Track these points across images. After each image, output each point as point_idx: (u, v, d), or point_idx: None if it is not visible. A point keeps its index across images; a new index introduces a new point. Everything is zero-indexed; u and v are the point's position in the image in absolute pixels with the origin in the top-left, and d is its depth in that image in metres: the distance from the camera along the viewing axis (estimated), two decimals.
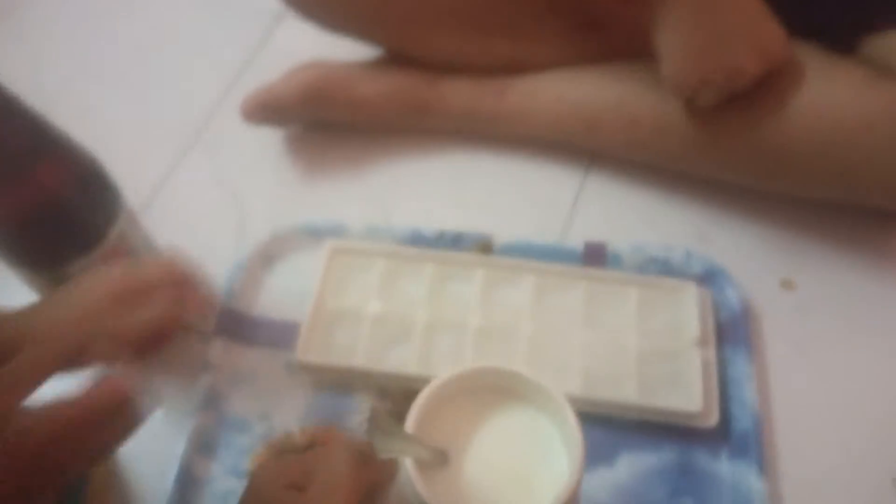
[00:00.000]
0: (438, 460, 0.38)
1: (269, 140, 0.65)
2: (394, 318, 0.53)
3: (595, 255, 0.57)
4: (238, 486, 0.48)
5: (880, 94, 0.48)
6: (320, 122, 0.64)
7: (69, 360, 0.36)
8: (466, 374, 0.39)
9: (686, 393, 0.49)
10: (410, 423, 0.37)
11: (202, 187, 0.63)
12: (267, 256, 0.57)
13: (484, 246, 0.58)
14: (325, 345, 0.52)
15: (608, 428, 0.50)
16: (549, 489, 0.37)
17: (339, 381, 0.52)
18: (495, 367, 0.40)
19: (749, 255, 0.58)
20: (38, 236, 0.41)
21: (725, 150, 0.55)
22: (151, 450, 0.50)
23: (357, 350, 0.52)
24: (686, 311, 0.53)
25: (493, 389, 0.40)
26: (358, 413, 0.51)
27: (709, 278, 0.55)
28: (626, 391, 0.50)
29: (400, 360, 0.52)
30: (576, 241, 0.58)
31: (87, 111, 0.68)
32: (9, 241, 0.41)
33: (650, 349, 0.51)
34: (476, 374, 0.39)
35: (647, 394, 0.50)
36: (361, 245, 0.57)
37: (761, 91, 0.52)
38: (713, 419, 0.49)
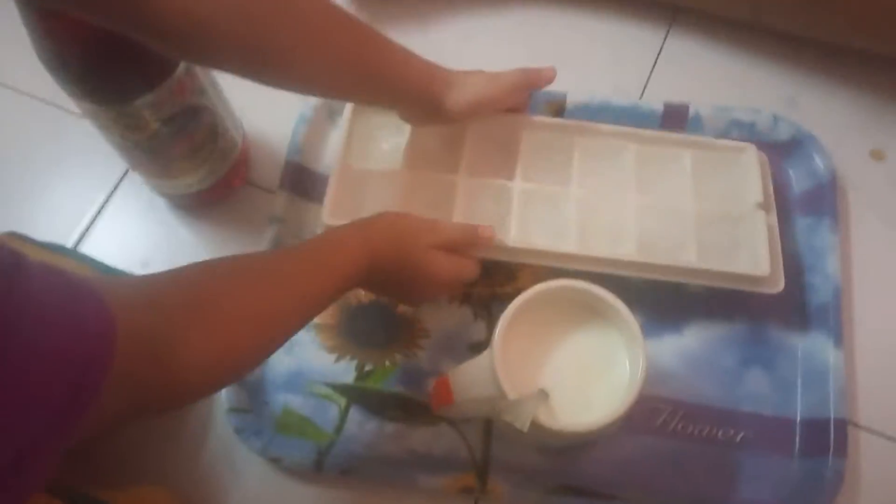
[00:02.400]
0: (544, 398, 0.39)
1: None
2: (426, 180, 0.49)
3: (675, 117, 0.53)
4: (305, 338, 0.48)
5: None
6: None
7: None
8: (546, 288, 0.41)
9: (751, 257, 0.46)
10: (498, 334, 0.40)
11: None
12: (331, 109, 0.55)
13: (557, 106, 0.54)
14: (353, 207, 0.48)
15: (677, 297, 0.48)
16: (612, 394, 0.39)
17: None
18: (571, 282, 0.42)
19: (839, 123, 0.54)
20: (105, 69, 0.39)
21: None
22: None
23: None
24: (747, 174, 0.48)
25: (570, 302, 0.42)
26: None
27: (796, 145, 0.51)
28: (686, 255, 0.46)
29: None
30: (655, 102, 0.54)
31: None
32: (77, 74, 0.39)
33: (709, 213, 0.48)
34: (556, 289, 0.41)
35: (708, 258, 0.46)
36: None
37: None
38: (779, 284, 0.45)
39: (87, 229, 0.54)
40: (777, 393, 0.46)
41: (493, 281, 0.50)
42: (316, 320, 0.48)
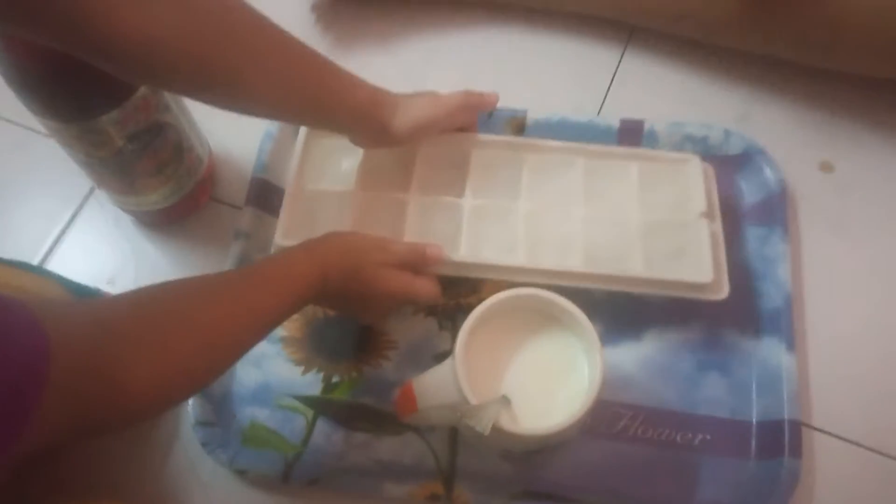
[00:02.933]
0: (506, 403, 0.40)
1: (298, 13, 0.63)
2: (379, 200, 0.50)
3: (631, 133, 0.55)
4: (272, 351, 0.48)
5: None
6: None
7: None
8: (507, 297, 0.42)
9: (695, 265, 0.47)
10: (460, 341, 0.40)
11: None
12: (297, 127, 0.56)
13: (518, 123, 0.56)
14: (306, 228, 0.48)
15: (635, 305, 0.49)
16: (572, 399, 0.40)
17: None
18: (531, 291, 0.43)
19: (789, 136, 0.56)
20: (66, 85, 0.40)
21: (779, 20, 0.52)
22: None
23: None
24: (691, 183, 0.49)
25: (530, 310, 0.43)
26: None
27: (747, 158, 0.53)
28: (632, 265, 0.47)
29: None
30: (612, 118, 0.55)
31: None
32: (41, 91, 0.40)
33: (655, 223, 0.49)
34: (515, 298, 0.42)
35: (653, 267, 0.47)
36: None
37: None
38: (723, 291, 0.46)
39: (53, 247, 0.54)
40: (733, 396, 0.47)
41: (457, 293, 0.50)
42: (283, 333, 0.49)
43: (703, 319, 0.49)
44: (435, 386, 0.41)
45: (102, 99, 0.41)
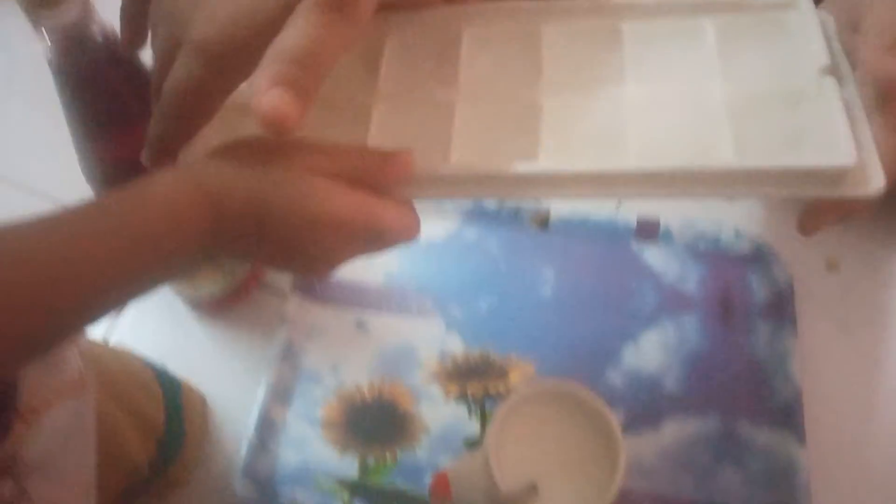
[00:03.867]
0: (535, 492, 0.42)
1: None
2: (334, 107, 0.36)
3: (647, 230, 0.58)
4: (311, 433, 0.51)
5: None
6: None
7: None
8: (534, 390, 0.44)
9: (823, 143, 0.31)
10: (492, 431, 0.42)
11: None
12: None
13: (541, 218, 0.59)
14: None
15: (654, 394, 0.52)
16: (595, 489, 0.42)
17: None
18: (557, 384, 0.44)
19: (796, 235, 0.59)
20: None
21: None
22: (232, 397, 0.53)
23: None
24: (801, 36, 0.35)
25: (557, 400, 0.44)
26: (423, 370, 0.54)
27: (756, 257, 0.57)
28: (717, 155, 0.32)
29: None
30: (629, 216, 0.59)
31: None
32: (115, 184, 0.44)
33: (749, 97, 0.34)
34: (542, 390, 0.44)
35: (754, 154, 0.32)
36: None
37: None
38: (875, 181, 0.32)
39: (110, 330, 0.57)
40: (748, 488, 0.49)
41: (486, 379, 0.53)
42: (322, 417, 0.52)
43: (719, 411, 0.52)
44: (468, 475, 0.44)
45: None
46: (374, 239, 0.33)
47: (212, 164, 0.31)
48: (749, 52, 0.36)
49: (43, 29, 0.37)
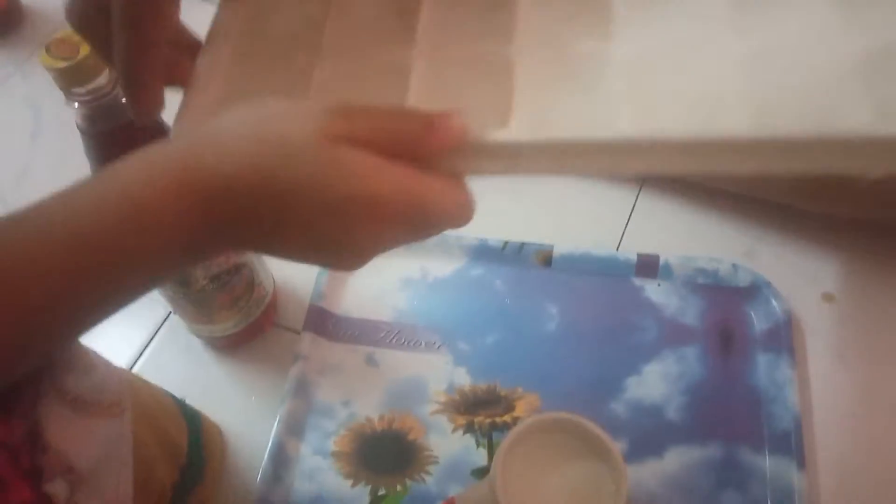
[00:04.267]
0: None
1: None
2: (362, 61, 0.31)
3: (647, 266, 0.60)
4: (324, 465, 0.53)
5: None
6: None
7: None
8: (539, 420, 0.45)
9: None
10: (497, 461, 0.43)
11: None
12: None
13: (545, 255, 0.62)
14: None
15: (657, 423, 0.53)
16: None
17: None
18: (560, 415, 0.45)
19: (792, 269, 0.61)
20: None
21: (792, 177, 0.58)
22: (247, 431, 0.55)
23: None
24: None
25: (561, 431, 0.45)
26: (432, 402, 0.55)
27: (755, 290, 0.58)
28: (851, 116, 0.26)
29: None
30: (630, 252, 0.61)
31: None
32: None
33: (879, 46, 0.28)
34: (547, 421, 0.45)
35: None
36: None
37: None
38: None
39: (131, 367, 0.60)
40: None
41: (493, 411, 0.55)
42: (333, 448, 0.54)
43: (721, 438, 0.53)
44: (476, 502, 0.45)
45: None
46: (419, 222, 0.27)
47: (207, 135, 0.25)
48: None
49: (74, 100, 0.40)
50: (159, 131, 0.44)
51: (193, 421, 0.52)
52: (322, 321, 0.59)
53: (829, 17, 0.29)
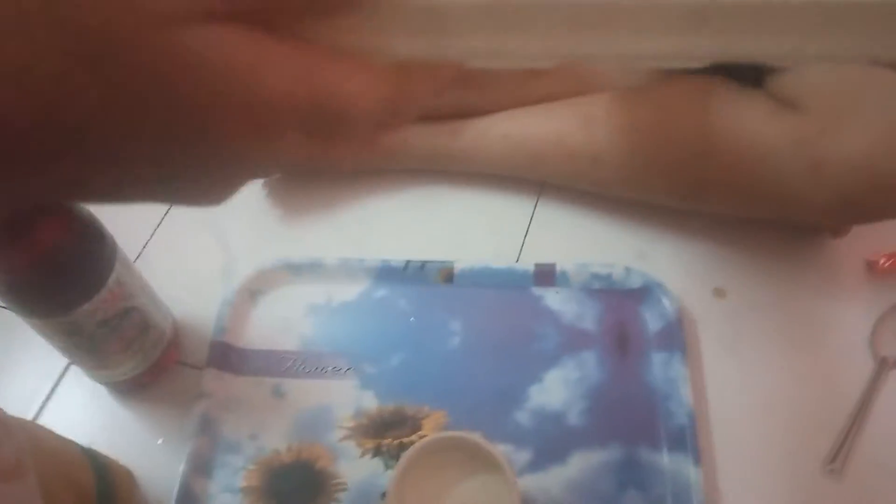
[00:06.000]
0: None
1: (250, 186, 0.70)
2: None
3: (545, 275, 0.61)
4: (232, 502, 0.52)
5: (782, 123, 0.53)
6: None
7: None
8: (434, 440, 0.47)
9: None
10: (392, 483, 0.45)
11: (190, 232, 0.67)
12: (251, 291, 0.62)
13: (446, 272, 0.62)
14: None
15: (560, 430, 0.54)
16: None
17: None
18: (456, 434, 0.47)
19: (684, 268, 0.63)
20: (43, 287, 0.46)
21: (653, 178, 0.60)
22: (155, 472, 0.54)
23: None
24: None
25: (457, 450, 0.47)
26: (340, 429, 0.55)
27: (647, 291, 0.60)
28: None
29: None
30: (528, 263, 0.62)
31: None
32: (16, 292, 0.46)
33: None
34: (441, 440, 0.47)
35: None
36: None
37: (680, 123, 0.57)
38: None
39: (36, 418, 0.58)
40: None
41: (400, 432, 0.55)
42: (242, 483, 0.53)
43: (621, 439, 0.54)
44: None
45: (76, 295, 0.46)
46: (322, 128, 0.19)
47: None
48: None
49: None
50: None
51: (102, 468, 0.50)
52: (225, 356, 0.58)
53: None
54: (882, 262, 0.61)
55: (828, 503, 0.51)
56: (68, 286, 0.46)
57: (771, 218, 0.61)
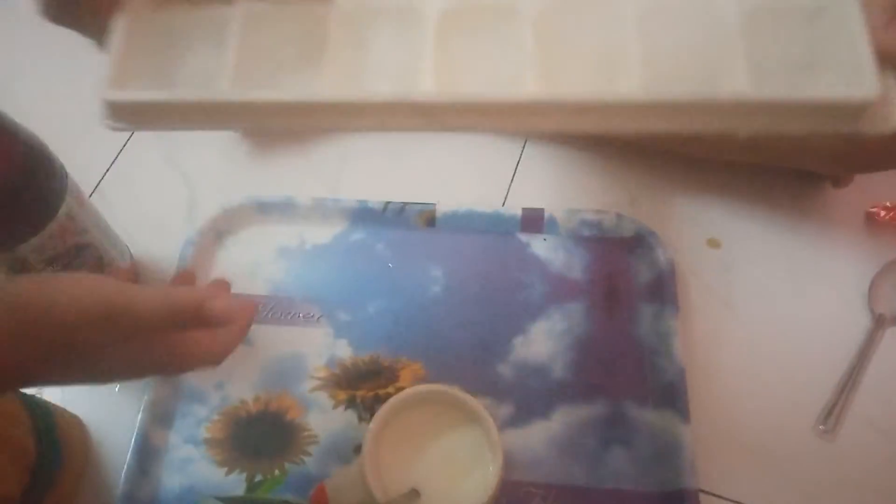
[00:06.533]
0: (416, 497, 0.41)
1: None
2: (280, 11, 0.32)
3: (532, 221, 0.57)
4: (196, 454, 0.49)
5: None
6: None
7: None
8: (413, 393, 0.43)
9: (843, 73, 0.28)
10: (367, 439, 0.42)
11: (151, 165, 0.62)
12: (218, 232, 0.57)
13: (428, 216, 0.58)
14: (157, 66, 0.32)
15: (543, 384, 0.51)
16: (479, 488, 0.41)
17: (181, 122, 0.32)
18: (435, 386, 0.44)
19: (676, 217, 0.59)
20: None
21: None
22: (110, 422, 0.50)
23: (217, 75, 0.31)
24: None
25: (438, 403, 0.44)
26: (311, 379, 0.52)
27: (639, 240, 0.56)
28: (729, 81, 0.29)
29: (307, 83, 0.31)
30: (514, 208, 0.58)
31: (33, 92, 0.67)
32: None
33: (764, 12, 0.30)
34: (421, 392, 0.43)
35: (768, 81, 0.29)
36: None
37: None
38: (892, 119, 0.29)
39: None
40: (636, 469, 0.48)
41: (375, 384, 0.52)
42: (206, 435, 0.49)
43: (607, 394, 0.51)
44: (347, 486, 0.42)
45: (21, 229, 0.42)
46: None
47: None
48: None
49: None
50: None
51: (43, 416, 0.46)
52: None
53: None
54: (882, 214, 0.58)
55: (820, 463, 0.49)
56: (13, 217, 0.41)
57: (775, 164, 0.58)
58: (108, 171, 0.62)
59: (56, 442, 0.47)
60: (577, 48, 0.30)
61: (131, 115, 0.32)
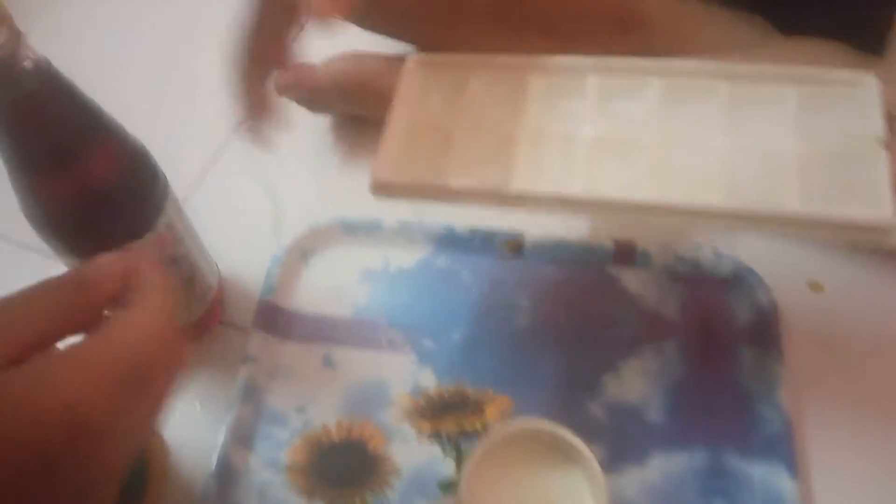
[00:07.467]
0: None
1: (305, 134, 0.63)
2: (481, 134, 0.45)
3: (624, 254, 0.54)
4: (275, 479, 0.47)
5: None
6: (354, 114, 0.62)
7: None
8: (512, 431, 0.42)
9: (869, 201, 0.38)
10: (465, 477, 0.41)
11: (240, 181, 0.61)
12: (304, 251, 0.56)
13: (515, 244, 0.56)
14: (409, 161, 0.45)
15: (637, 426, 0.48)
16: None
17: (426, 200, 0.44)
18: (534, 423, 0.42)
19: (776, 256, 0.56)
20: (88, 224, 0.40)
21: None
22: (191, 441, 0.49)
23: (448, 167, 0.44)
24: (864, 107, 0.41)
25: (534, 441, 0.42)
26: (395, 407, 0.49)
27: (738, 279, 0.53)
28: (787, 200, 0.39)
29: (500, 176, 0.43)
30: (606, 239, 0.55)
31: (128, 105, 0.66)
32: (59, 228, 0.40)
33: (816, 153, 0.41)
34: (519, 431, 0.42)
35: (815, 202, 0.39)
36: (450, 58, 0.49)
37: None
38: None
39: None
40: None
41: (461, 416, 0.49)
42: (287, 461, 0.47)
43: (706, 441, 0.48)
44: None
45: (121, 237, 0.41)
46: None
47: None
48: (820, 116, 0.42)
49: None
50: (71, 101, 0.37)
51: None
52: (273, 318, 0.52)
53: (788, 124, 0.42)
54: None
55: None
56: (114, 225, 0.40)
57: None
58: (197, 183, 0.61)
59: (143, 460, 0.45)
60: (681, 167, 0.41)
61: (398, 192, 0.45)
